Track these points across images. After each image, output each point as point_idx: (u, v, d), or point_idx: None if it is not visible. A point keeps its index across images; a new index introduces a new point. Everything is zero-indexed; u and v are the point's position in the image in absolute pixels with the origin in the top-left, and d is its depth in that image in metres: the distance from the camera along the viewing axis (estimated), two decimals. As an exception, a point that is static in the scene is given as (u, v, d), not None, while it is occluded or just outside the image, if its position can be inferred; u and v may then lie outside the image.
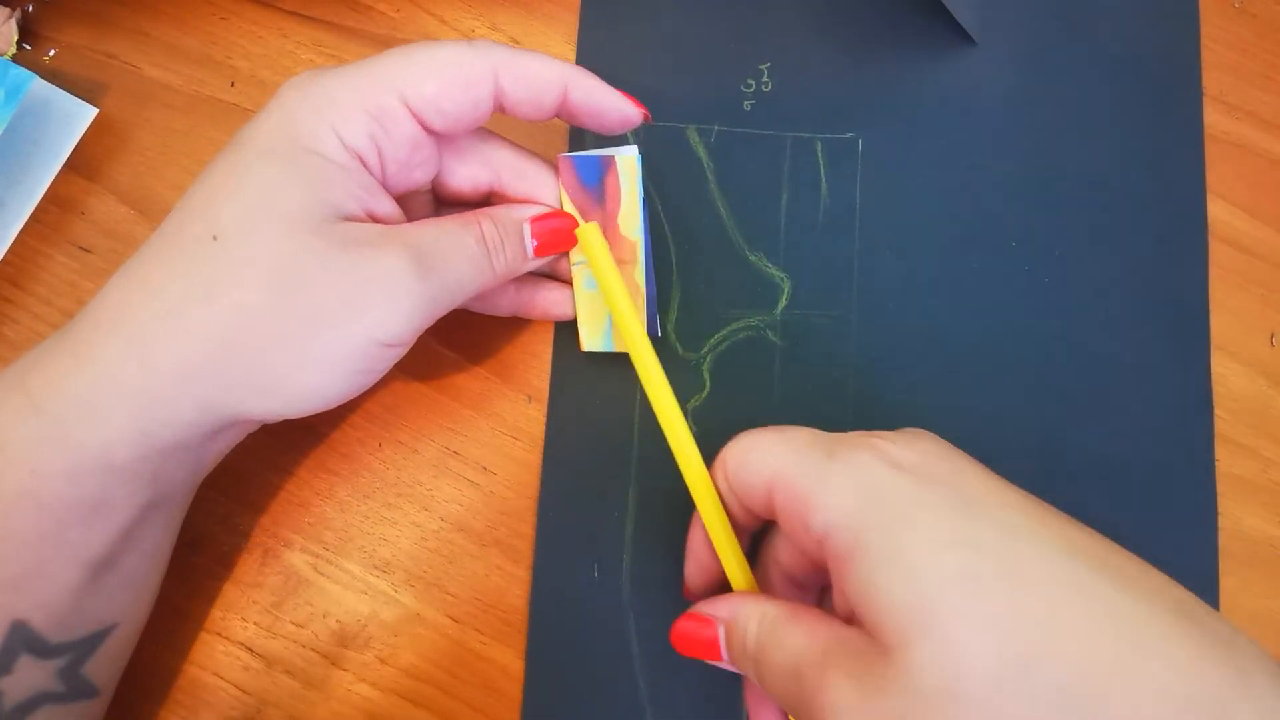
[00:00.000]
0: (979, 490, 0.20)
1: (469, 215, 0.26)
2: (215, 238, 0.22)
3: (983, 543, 0.19)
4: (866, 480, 0.20)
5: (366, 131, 0.23)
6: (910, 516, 0.19)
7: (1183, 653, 0.17)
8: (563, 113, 0.26)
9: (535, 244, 0.27)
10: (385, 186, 0.25)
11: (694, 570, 0.26)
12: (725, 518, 0.25)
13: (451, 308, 0.25)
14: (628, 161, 0.27)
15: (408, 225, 0.24)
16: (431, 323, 0.25)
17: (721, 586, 0.26)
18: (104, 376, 0.22)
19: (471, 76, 0.24)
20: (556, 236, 0.27)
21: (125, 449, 0.22)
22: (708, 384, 0.31)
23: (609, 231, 0.28)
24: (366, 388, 0.25)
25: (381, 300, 0.23)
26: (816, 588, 0.25)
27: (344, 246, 0.22)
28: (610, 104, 0.26)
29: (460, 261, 0.25)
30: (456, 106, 0.24)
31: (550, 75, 0.25)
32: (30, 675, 0.23)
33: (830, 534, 0.20)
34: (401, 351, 0.25)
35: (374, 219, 0.24)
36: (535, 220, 0.27)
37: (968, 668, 0.17)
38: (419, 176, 0.26)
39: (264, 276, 0.22)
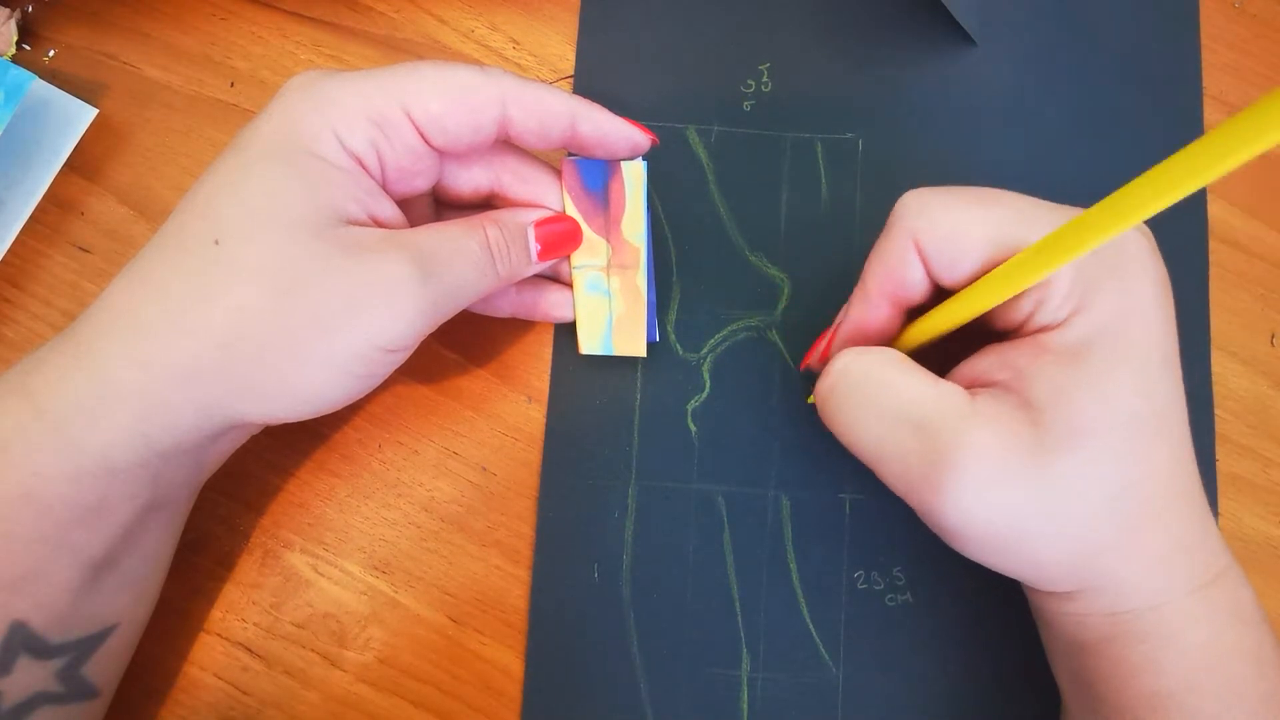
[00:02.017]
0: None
1: (473, 220, 0.26)
2: (217, 241, 0.22)
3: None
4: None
5: (367, 137, 0.23)
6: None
7: None
8: (571, 144, 0.26)
9: (539, 248, 0.27)
10: (386, 191, 0.25)
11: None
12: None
13: (455, 312, 0.25)
14: (634, 168, 0.27)
15: (411, 230, 0.24)
16: (435, 328, 0.25)
17: None
18: (104, 379, 0.22)
19: (478, 101, 0.24)
20: (560, 240, 0.27)
21: (126, 451, 0.22)
22: (707, 384, 0.31)
23: (612, 236, 0.28)
24: (368, 391, 0.25)
25: (383, 305, 0.23)
26: None
27: (346, 250, 0.22)
28: (619, 134, 0.26)
29: (464, 266, 0.25)
30: (459, 127, 0.24)
31: (558, 108, 0.25)
32: (29, 676, 0.23)
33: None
34: (403, 356, 0.25)
35: (376, 222, 0.24)
36: (539, 224, 0.27)
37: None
38: (420, 184, 0.26)
39: (265, 280, 0.22)
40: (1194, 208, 0.32)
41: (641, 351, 0.29)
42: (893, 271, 0.24)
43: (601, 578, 0.30)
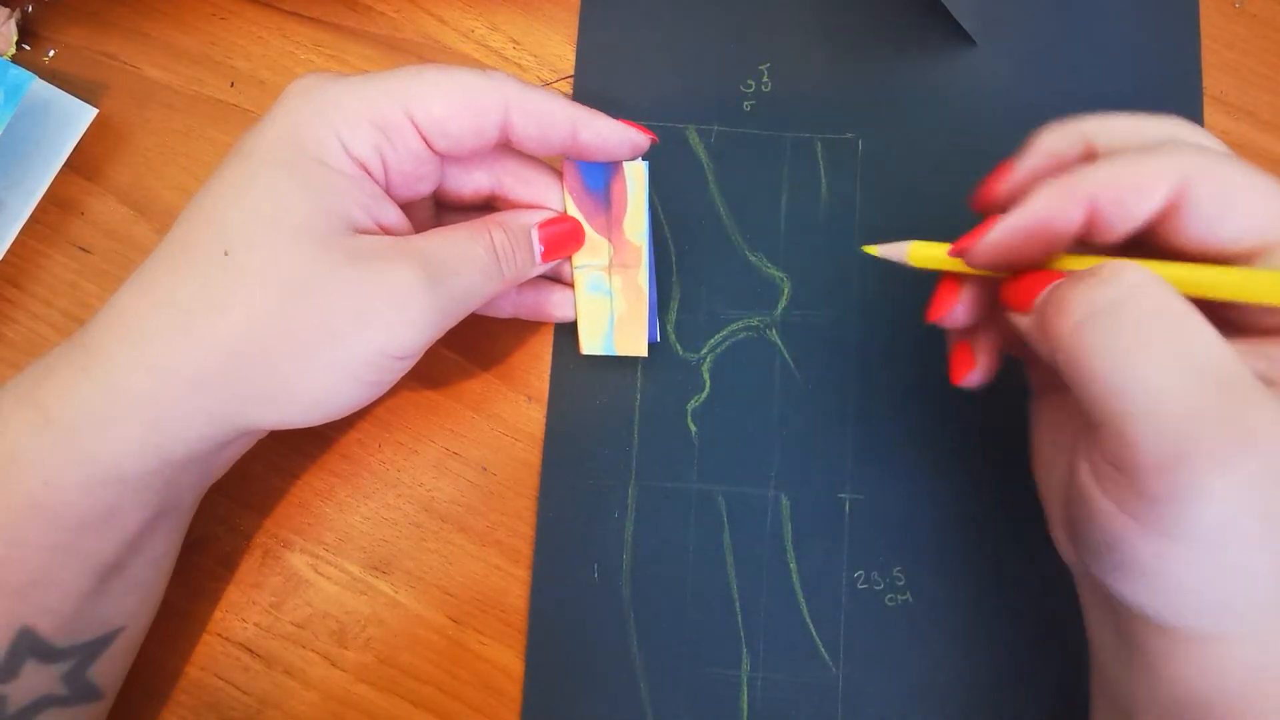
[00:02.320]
0: None
1: (477, 224, 0.26)
2: (226, 252, 0.22)
3: None
4: None
5: (371, 142, 0.23)
6: None
7: None
8: (571, 151, 0.26)
9: (543, 249, 0.27)
10: (389, 195, 0.25)
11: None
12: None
13: (462, 317, 0.25)
14: (635, 168, 0.27)
15: (417, 237, 0.24)
16: (442, 333, 0.25)
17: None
18: (115, 389, 0.22)
19: (481, 105, 0.24)
20: (563, 240, 0.27)
21: (137, 461, 0.22)
22: (707, 384, 0.31)
23: (614, 236, 0.28)
24: (377, 397, 0.25)
25: (392, 313, 0.23)
26: None
27: (353, 259, 0.22)
28: (620, 138, 0.26)
29: (470, 271, 0.25)
30: (462, 131, 0.24)
31: (560, 116, 0.25)
32: (35, 679, 0.23)
33: None
34: (412, 362, 0.25)
35: (382, 228, 0.24)
36: (543, 225, 0.27)
37: None
38: (422, 188, 0.26)
39: (274, 289, 0.22)
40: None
41: (643, 351, 0.29)
42: (1127, 189, 0.19)
43: (601, 578, 0.30)
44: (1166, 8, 0.34)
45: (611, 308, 0.29)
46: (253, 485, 0.30)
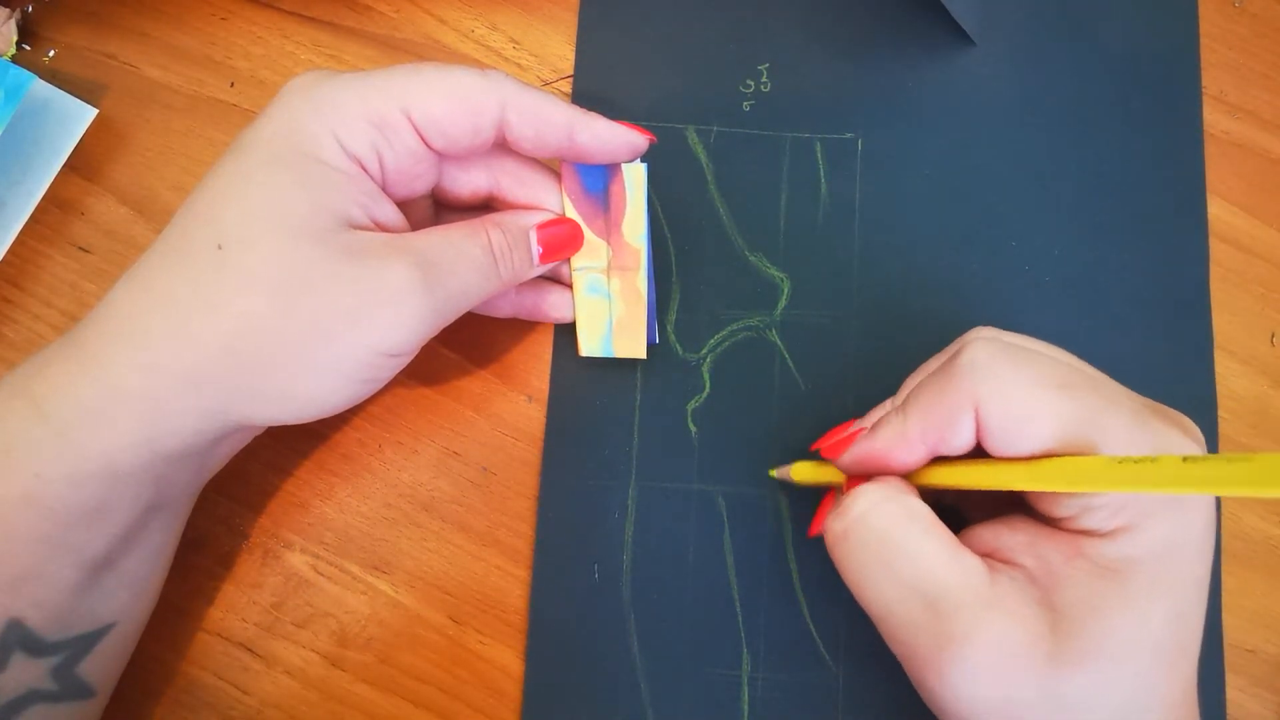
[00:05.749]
0: None
1: (475, 223, 0.26)
2: (220, 247, 0.22)
3: None
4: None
5: (368, 139, 0.23)
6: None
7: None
8: (568, 153, 0.26)
9: (541, 250, 0.27)
10: (386, 193, 0.25)
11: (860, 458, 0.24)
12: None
13: (457, 316, 0.25)
14: (634, 170, 0.27)
15: (413, 235, 0.24)
16: (437, 332, 0.25)
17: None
18: (109, 384, 0.22)
19: (479, 104, 0.24)
20: (562, 242, 0.27)
21: (130, 455, 0.22)
22: (707, 384, 0.31)
23: (613, 238, 0.28)
24: (371, 394, 0.25)
25: (387, 312, 0.23)
26: None
27: (349, 257, 0.22)
28: (619, 140, 0.25)
29: (467, 271, 0.25)
30: (458, 130, 0.24)
31: (558, 118, 0.25)
32: (22, 673, 0.23)
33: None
34: (406, 360, 0.25)
35: (378, 225, 0.24)
36: (541, 227, 0.27)
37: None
38: (419, 187, 0.26)
39: (269, 286, 0.22)
40: (1194, 207, 0.32)
41: (642, 354, 0.29)
42: (941, 426, 0.22)
43: (601, 578, 0.30)
44: (1166, 7, 0.34)
45: (610, 310, 0.29)
46: (252, 485, 0.30)
